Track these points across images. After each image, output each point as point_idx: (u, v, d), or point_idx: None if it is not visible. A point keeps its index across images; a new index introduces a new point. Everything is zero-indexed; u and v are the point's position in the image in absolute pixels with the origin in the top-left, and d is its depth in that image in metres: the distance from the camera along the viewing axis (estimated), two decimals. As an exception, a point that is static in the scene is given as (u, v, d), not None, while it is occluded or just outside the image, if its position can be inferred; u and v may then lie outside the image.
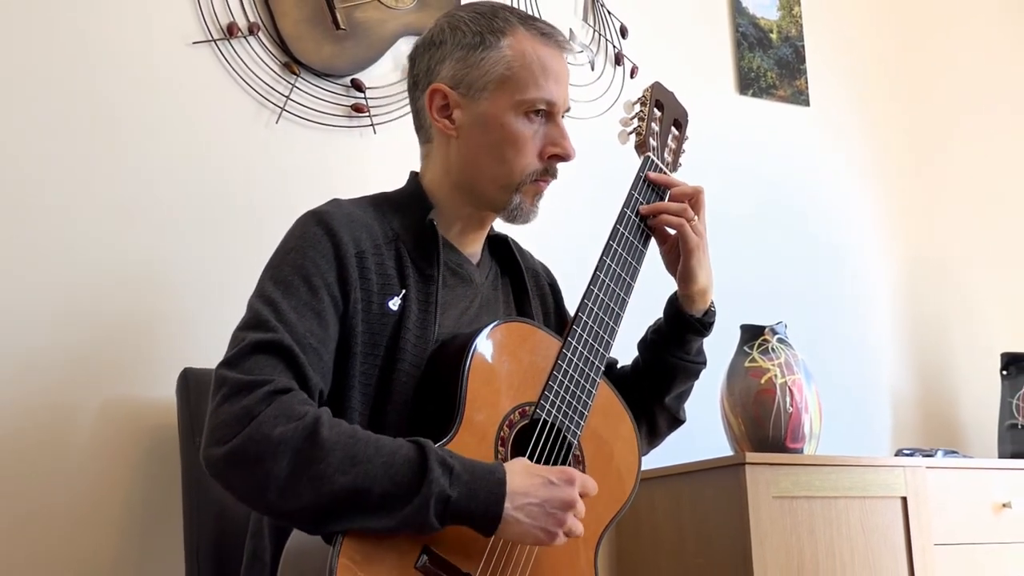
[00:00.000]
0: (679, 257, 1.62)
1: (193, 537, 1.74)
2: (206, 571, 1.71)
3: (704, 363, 1.71)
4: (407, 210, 1.56)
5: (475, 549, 1.34)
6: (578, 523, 1.37)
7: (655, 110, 1.71)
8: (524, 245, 1.83)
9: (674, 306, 1.66)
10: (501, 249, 1.70)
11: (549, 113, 1.55)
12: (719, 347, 2.37)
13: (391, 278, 1.48)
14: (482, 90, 1.53)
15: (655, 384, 1.69)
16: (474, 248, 1.63)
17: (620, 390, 1.58)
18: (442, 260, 1.53)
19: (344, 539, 1.26)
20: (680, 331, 1.66)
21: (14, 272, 1.93)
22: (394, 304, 1.47)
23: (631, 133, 1.69)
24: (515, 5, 2.52)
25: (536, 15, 2.50)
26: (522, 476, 1.33)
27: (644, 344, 1.71)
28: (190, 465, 1.78)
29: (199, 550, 1.73)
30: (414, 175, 1.63)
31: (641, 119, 1.69)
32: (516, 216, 1.57)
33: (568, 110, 1.59)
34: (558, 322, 1.73)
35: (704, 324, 1.66)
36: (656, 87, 1.74)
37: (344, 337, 1.43)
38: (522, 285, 1.68)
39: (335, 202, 1.53)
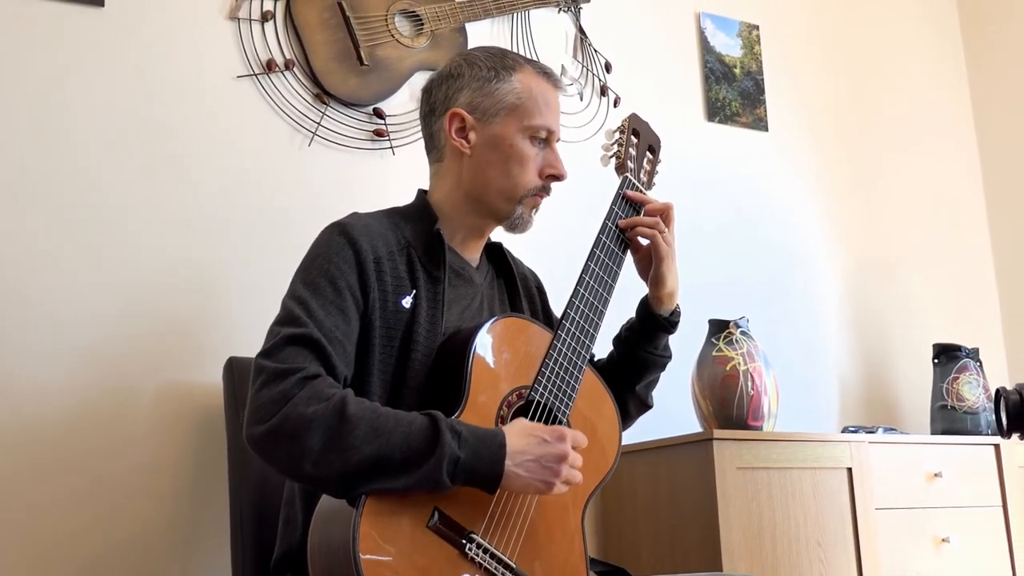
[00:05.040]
0: (651, 264, 1.62)
1: (237, 503, 1.74)
2: (248, 533, 1.70)
3: (670, 357, 1.71)
4: (417, 221, 1.55)
5: (479, 511, 1.34)
6: (575, 472, 1.37)
7: (632, 137, 1.71)
8: (524, 252, 1.83)
9: (645, 307, 1.66)
10: (496, 255, 1.69)
11: (547, 139, 1.56)
12: (690, 339, 2.38)
13: (403, 280, 1.48)
14: (495, 115, 1.53)
15: (627, 375, 1.68)
16: (474, 254, 1.62)
17: None
18: (448, 263, 1.52)
19: (366, 503, 1.26)
20: (650, 329, 1.65)
21: (84, 273, 1.94)
22: (407, 302, 1.47)
23: (611, 157, 1.69)
24: (515, 42, 2.51)
25: (533, 51, 2.52)
26: (520, 436, 1.34)
27: (618, 340, 1.70)
28: (234, 441, 1.77)
29: (242, 515, 1.72)
30: (421, 192, 1.63)
31: (620, 145, 1.69)
32: (516, 225, 1.58)
33: (559, 139, 1.60)
34: (544, 320, 1.72)
35: (671, 323, 1.66)
36: (633, 117, 1.73)
37: (364, 332, 1.43)
38: (514, 286, 1.68)
39: (355, 215, 1.53)
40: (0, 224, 1.89)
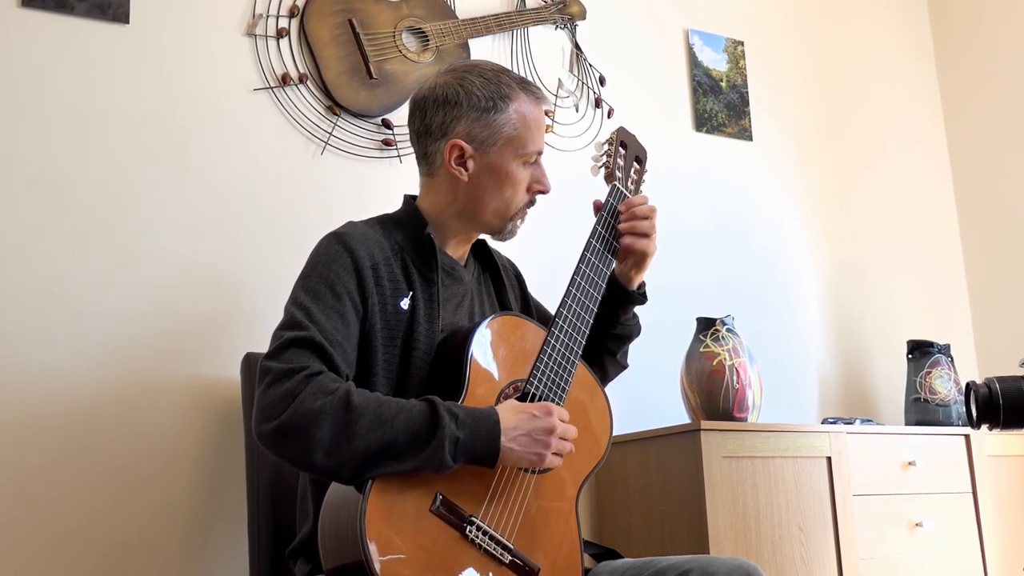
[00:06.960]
0: (631, 256, 1.63)
1: (254, 491, 1.74)
2: (265, 520, 1.71)
3: (638, 323, 1.73)
4: (408, 227, 1.55)
5: (479, 495, 1.35)
6: (565, 443, 1.39)
7: (620, 148, 1.70)
8: (522, 254, 1.83)
9: (617, 285, 1.66)
10: (480, 251, 1.69)
11: (536, 159, 1.57)
12: (679, 335, 2.38)
13: (400, 283, 1.48)
14: (492, 145, 1.52)
15: (607, 344, 1.70)
16: (462, 253, 1.62)
17: None
18: (440, 265, 1.53)
19: (372, 489, 1.26)
20: (626, 303, 1.68)
21: (110, 275, 1.94)
22: (405, 304, 1.47)
23: (600, 167, 1.69)
24: (515, 57, 2.51)
25: (532, 65, 2.52)
26: (511, 414, 1.35)
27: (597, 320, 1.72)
28: (251, 432, 1.76)
29: (259, 502, 1.72)
30: (409, 198, 1.62)
31: (608, 156, 1.68)
32: (507, 237, 1.60)
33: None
34: (524, 306, 1.74)
35: (643, 295, 1.69)
36: (620, 130, 1.73)
37: (366, 335, 1.43)
38: (499, 279, 1.68)
39: (351, 224, 1.53)
40: (32, 227, 1.89)
